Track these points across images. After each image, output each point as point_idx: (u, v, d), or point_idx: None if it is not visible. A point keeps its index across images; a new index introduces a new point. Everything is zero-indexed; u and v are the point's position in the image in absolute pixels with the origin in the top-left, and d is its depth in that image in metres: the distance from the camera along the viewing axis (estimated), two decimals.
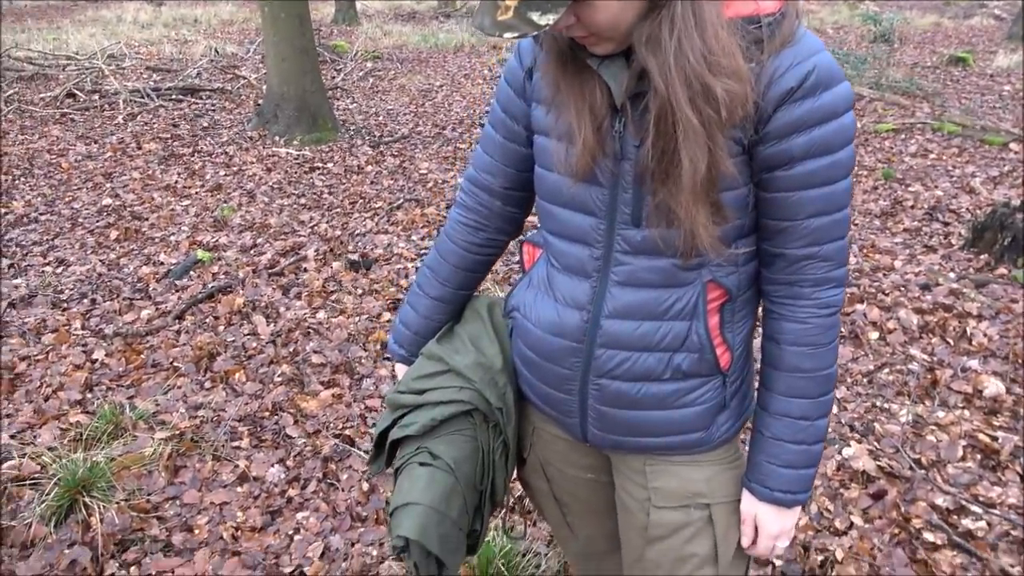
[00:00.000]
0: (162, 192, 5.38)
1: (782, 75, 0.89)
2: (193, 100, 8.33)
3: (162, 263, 4.13)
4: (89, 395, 2.89)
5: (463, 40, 13.14)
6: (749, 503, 1.09)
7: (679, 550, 1.11)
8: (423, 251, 4.29)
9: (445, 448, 1.14)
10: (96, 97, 8.25)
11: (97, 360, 3.13)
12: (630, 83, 0.91)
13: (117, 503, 2.26)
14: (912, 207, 5.00)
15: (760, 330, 1.09)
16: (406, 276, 3.95)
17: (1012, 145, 6.51)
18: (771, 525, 1.08)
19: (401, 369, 1.33)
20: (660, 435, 1.08)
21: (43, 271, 4.05)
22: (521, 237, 1.26)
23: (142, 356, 3.17)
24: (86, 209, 5.04)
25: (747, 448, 1.11)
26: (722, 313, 1.03)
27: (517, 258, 4.09)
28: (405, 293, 3.71)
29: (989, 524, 2.22)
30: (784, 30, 0.90)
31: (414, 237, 4.51)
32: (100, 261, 4.18)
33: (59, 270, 4.08)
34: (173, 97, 8.36)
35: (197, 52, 11.14)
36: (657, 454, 1.11)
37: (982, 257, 4.07)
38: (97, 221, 4.81)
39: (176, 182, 5.61)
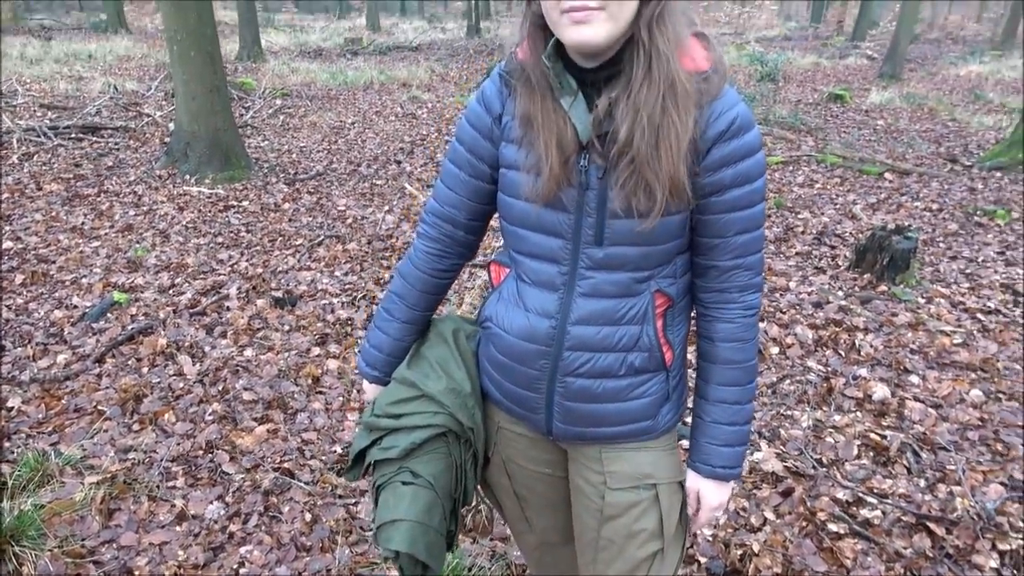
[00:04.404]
0: (69, 234, 5.21)
1: (716, 120, 1.08)
2: (95, 139, 8.07)
3: (75, 306, 4.02)
4: (8, 444, 2.80)
5: (372, 78, 13.26)
6: (694, 480, 1.28)
7: (630, 527, 1.27)
8: (347, 286, 4.34)
9: (424, 467, 1.28)
10: None
11: (13, 408, 3.03)
12: (595, 123, 1.07)
13: (50, 550, 2.22)
14: (802, 232, 5.43)
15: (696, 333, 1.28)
16: (332, 311, 4.00)
17: (887, 174, 7.16)
18: (712, 498, 1.28)
19: (372, 389, 1.44)
20: (616, 424, 1.24)
21: None
22: (489, 258, 1.40)
23: (62, 401, 3.09)
24: None
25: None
26: (666, 317, 1.21)
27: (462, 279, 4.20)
28: (333, 328, 3.77)
29: (883, 513, 2.48)
30: (716, 84, 1.09)
31: (337, 273, 4.56)
32: (6, 307, 4.02)
33: None
34: (73, 136, 8.08)
35: (95, 89, 10.79)
36: (611, 443, 1.27)
37: (865, 276, 4.48)
38: None
39: (83, 223, 5.45)
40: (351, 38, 19.87)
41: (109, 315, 3.90)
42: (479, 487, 1.46)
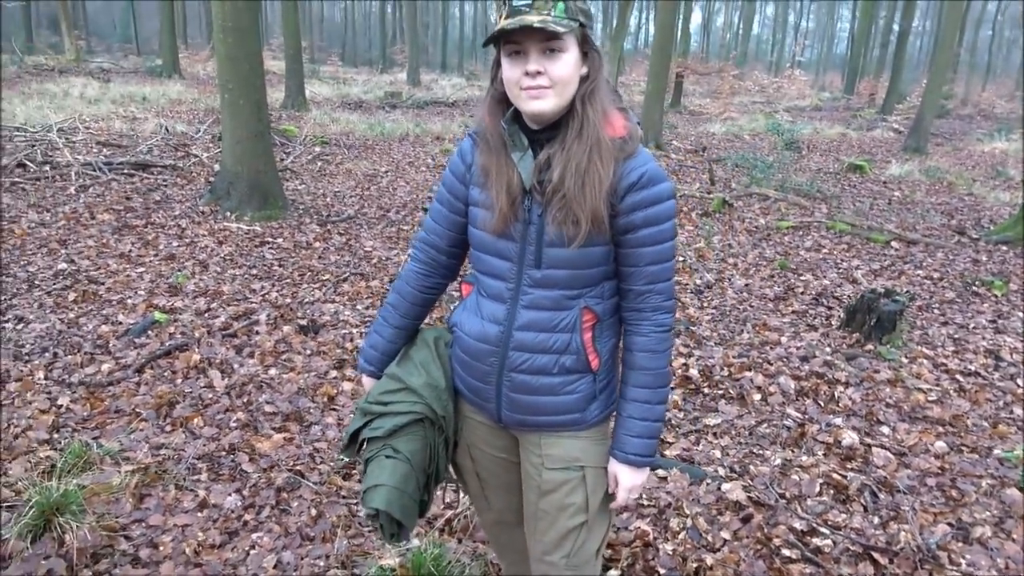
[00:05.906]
0: (117, 259, 5.67)
1: (629, 173, 1.42)
2: (145, 175, 8.67)
3: (120, 323, 4.42)
4: (56, 435, 3.15)
5: (408, 130, 13.91)
6: (613, 465, 1.58)
7: (562, 501, 1.57)
8: (367, 319, 4.70)
9: (404, 444, 1.60)
10: (47, 168, 8.50)
11: (62, 405, 3.40)
12: (535, 172, 1.41)
13: (88, 524, 2.54)
14: (802, 293, 5.70)
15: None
16: (351, 340, 4.34)
17: (894, 243, 7.41)
18: (626, 480, 1.56)
19: (368, 381, 1.77)
20: (551, 414, 1.55)
21: (3, 327, 4.29)
22: (460, 278, 1.75)
23: (105, 403, 3.45)
24: (42, 273, 5.28)
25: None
26: (594, 330, 1.52)
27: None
28: (350, 355, 4.11)
29: (834, 542, 2.70)
30: (630, 147, 1.43)
31: (359, 306, 4.92)
32: (59, 320, 4.44)
33: (19, 327, 4.32)
34: (125, 171, 8.68)
35: (147, 129, 11.51)
36: (548, 430, 1.57)
37: (854, 335, 4.72)
38: (54, 284, 5.06)
39: (130, 251, 5.91)
40: (391, 92, 20.80)
41: (150, 332, 4.28)
42: (450, 468, 1.77)
